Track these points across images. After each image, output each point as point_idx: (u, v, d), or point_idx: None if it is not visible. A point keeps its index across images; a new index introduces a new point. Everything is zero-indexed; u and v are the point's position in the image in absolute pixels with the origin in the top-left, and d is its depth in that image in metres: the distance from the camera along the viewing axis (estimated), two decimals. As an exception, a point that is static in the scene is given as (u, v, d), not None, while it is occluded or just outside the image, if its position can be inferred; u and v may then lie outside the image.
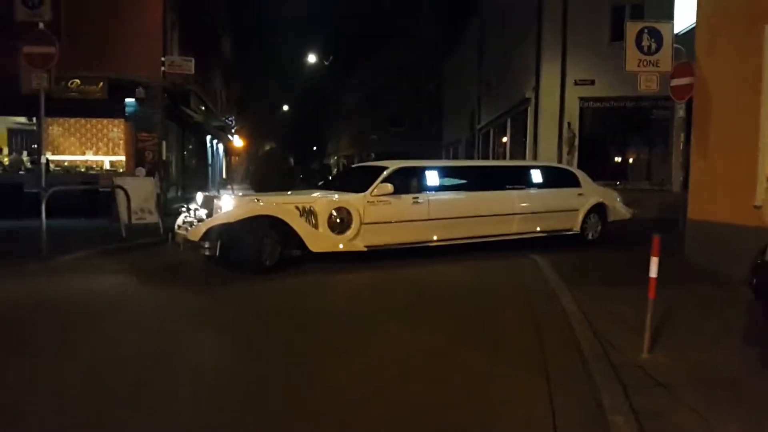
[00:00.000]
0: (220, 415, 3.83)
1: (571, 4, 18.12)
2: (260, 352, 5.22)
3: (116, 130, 17.97)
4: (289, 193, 9.74)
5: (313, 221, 8.51)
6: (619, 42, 10.49)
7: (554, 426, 3.68)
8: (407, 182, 9.44)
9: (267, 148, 72.29)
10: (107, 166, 18.11)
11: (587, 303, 6.53)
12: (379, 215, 8.90)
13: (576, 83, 18.14)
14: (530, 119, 19.52)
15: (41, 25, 9.01)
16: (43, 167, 10.06)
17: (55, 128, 18.10)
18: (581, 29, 17.91)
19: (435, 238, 9.48)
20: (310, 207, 8.53)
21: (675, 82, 9.01)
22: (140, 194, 12.16)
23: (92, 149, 18.50)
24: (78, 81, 15.50)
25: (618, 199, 12.08)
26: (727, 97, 8.23)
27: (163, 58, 16.52)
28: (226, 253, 8.12)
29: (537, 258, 9.48)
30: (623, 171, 19.06)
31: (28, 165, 17.44)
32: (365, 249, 8.81)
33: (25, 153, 18.04)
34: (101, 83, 15.65)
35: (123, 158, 17.44)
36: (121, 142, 17.73)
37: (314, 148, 79.56)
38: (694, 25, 9.33)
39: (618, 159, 19.49)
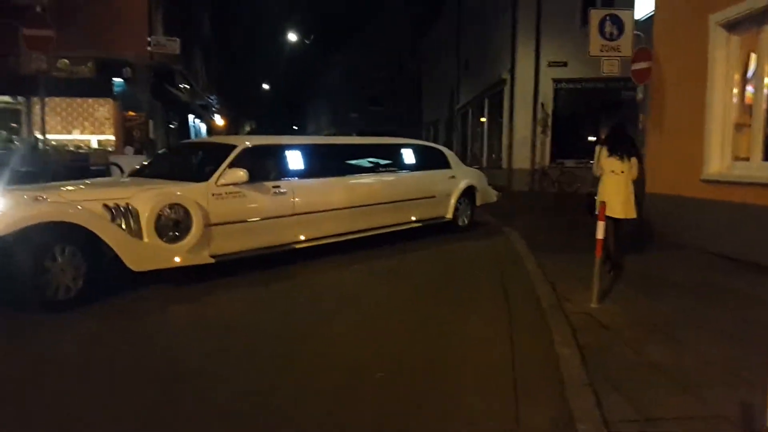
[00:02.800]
0: None
1: (545, -13, 18.81)
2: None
3: (102, 109, 18.36)
4: (94, 184, 6.97)
5: (134, 226, 5.85)
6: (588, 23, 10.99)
7: (513, 358, 4.42)
8: (264, 165, 7.32)
9: (247, 127, 72.50)
10: (94, 144, 18.49)
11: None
12: (229, 212, 6.63)
13: (549, 65, 18.91)
14: (506, 100, 20.28)
15: (39, 8, 9.43)
16: (42, 146, 10.52)
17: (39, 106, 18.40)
18: (554, 12, 18.63)
19: (302, 237, 7.49)
20: (128, 205, 5.88)
21: (635, 66, 9.74)
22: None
23: (78, 128, 18.85)
24: (66, 61, 15.84)
25: (485, 181, 11.32)
26: (680, 80, 9.02)
27: (149, 38, 16.91)
28: None
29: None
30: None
31: (17, 144, 17.77)
32: (212, 260, 6.44)
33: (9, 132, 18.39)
34: (89, 63, 16.06)
35: (110, 137, 17.86)
36: (107, 121, 18.15)
37: (294, 127, 79.71)
38: (652, 12, 10.07)
39: (590, 138, 20.32)
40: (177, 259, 6.10)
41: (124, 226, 5.83)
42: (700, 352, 4.43)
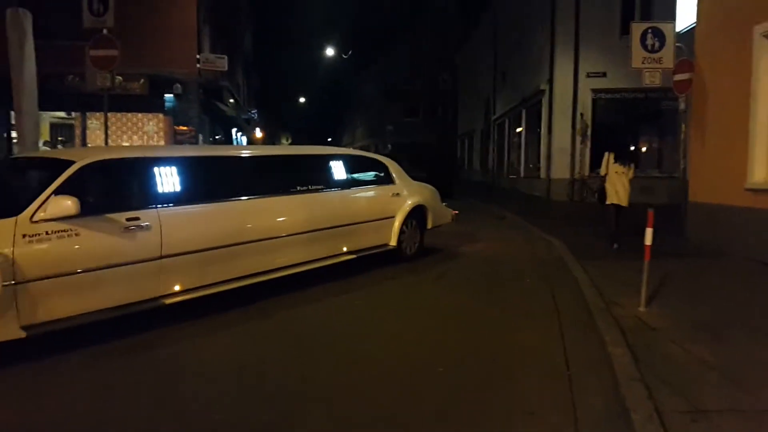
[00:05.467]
0: None
1: (584, -2, 18.97)
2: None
3: (151, 123, 19.13)
4: None
5: None
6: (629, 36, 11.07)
7: (566, 358, 4.67)
8: (117, 190, 5.36)
9: (284, 140, 73.75)
10: (143, 157, 19.24)
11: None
12: (53, 260, 4.59)
13: (588, 75, 18.99)
14: (545, 110, 20.42)
15: (105, 30, 10.02)
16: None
17: (92, 122, 19.27)
18: (593, 22, 18.74)
19: (176, 288, 5.42)
20: None
21: (677, 77, 9.89)
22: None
23: (127, 142, 19.65)
24: (120, 78, 16.56)
25: (438, 197, 9.38)
26: (722, 90, 9.14)
27: (198, 56, 17.60)
28: None
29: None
30: (635, 160, 19.86)
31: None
32: (24, 335, 4.38)
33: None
34: (142, 80, 16.79)
35: (158, 150, 18.63)
36: (155, 135, 18.90)
37: (329, 139, 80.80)
38: (694, 24, 10.22)
39: (631, 148, 20.28)
40: None
41: None
42: (748, 351, 4.62)
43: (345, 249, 7.38)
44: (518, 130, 25.69)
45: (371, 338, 5.26)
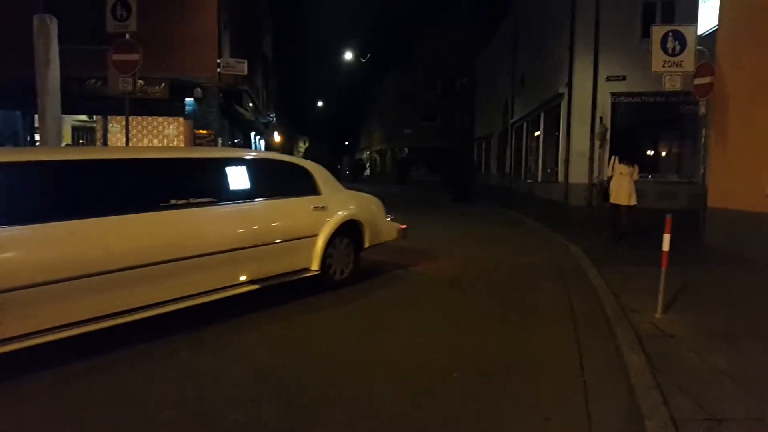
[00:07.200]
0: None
1: (604, 2, 18.87)
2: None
3: (171, 127, 19.38)
4: None
5: None
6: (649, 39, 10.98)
7: (581, 364, 4.66)
8: None
9: (302, 144, 74.14)
10: (163, 160, 19.49)
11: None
12: None
13: (608, 79, 18.89)
14: (563, 114, 20.34)
15: (128, 35, 10.20)
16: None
17: (114, 125, 19.56)
18: (613, 26, 18.66)
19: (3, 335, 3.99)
20: None
21: (697, 81, 9.81)
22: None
23: (148, 145, 19.91)
24: (142, 82, 16.80)
25: (381, 209, 7.92)
26: (744, 95, 9.06)
27: (218, 60, 17.79)
28: None
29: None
30: (655, 164, 19.75)
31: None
32: None
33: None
34: (163, 84, 17.01)
35: (179, 153, 18.87)
36: (176, 138, 19.14)
37: (346, 143, 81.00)
38: (715, 28, 10.13)
39: (649, 152, 20.16)
40: None
41: None
42: (766, 360, 4.57)
43: (244, 277, 5.81)
44: (536, 133, 25.61)
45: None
